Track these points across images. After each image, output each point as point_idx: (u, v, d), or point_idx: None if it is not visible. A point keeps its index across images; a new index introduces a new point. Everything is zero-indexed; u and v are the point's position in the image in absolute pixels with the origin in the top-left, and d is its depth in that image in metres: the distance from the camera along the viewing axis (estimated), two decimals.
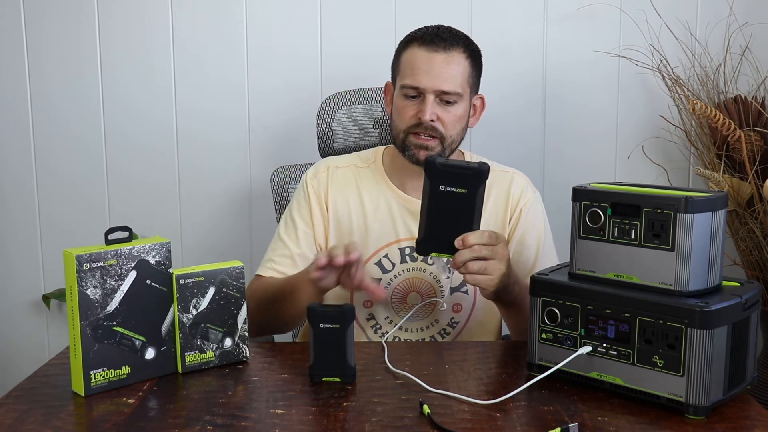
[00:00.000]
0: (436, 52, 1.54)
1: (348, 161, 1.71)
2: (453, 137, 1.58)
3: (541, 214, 1.68)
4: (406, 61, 1.58)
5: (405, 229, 1.63)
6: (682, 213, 1.14)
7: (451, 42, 1.56)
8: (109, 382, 1.24)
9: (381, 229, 1.63)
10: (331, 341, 1.25)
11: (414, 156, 1.57)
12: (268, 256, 1.65)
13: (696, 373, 1.12)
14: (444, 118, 1.55)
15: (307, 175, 1.69)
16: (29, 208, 2.28)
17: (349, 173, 1.68)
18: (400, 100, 1.59)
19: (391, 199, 1.65)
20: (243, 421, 1.13)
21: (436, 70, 1.54)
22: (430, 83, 1.54)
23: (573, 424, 1.08)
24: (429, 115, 1.53)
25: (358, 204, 1.65)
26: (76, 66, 2.21)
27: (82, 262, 1.20)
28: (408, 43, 1.59)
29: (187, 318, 1.30)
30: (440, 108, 1.55)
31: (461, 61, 1.56)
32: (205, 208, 2.27)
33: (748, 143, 2.04)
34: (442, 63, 1.54)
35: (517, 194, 1.67)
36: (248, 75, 2.21)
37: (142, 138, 2.24)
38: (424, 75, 1.54)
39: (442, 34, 1.56)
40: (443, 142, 1.56)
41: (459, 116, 1.57)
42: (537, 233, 1.66)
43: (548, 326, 1.26)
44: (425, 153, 1.55)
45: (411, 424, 1.11)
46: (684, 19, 2.17)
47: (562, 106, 2.23)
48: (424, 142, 1.56)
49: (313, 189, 1.66)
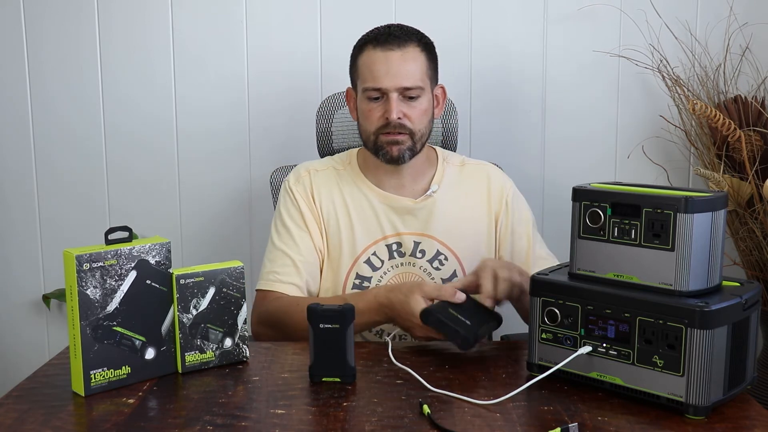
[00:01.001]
0: (391, 50, 1.57)
1: (325, 164, 1.73)
2: (422, 131, 1.61)
3: (522, 202, 1.74)
4: (364, 65, 1.61)
5: (390, 225, 1.65)
6: (682, 213, 1.14)
7: (404, 38, 1.59)
8: (109, 382, 1.24)
9: (367, 227, 1.66)
10: (331, 341, 1.25)
11: (387, 154, 1.60)
12: (267, 269, 1.64)
13: (696, 373, 1.12)
14: (410, 114, 1.59)
15: (289, 181, 1.70)
16: (29, 208, 2.28)
17: (330, 175, 1.70)
18: (364, 103, 1.62)
19: (372, 197, 1.67)
20: (243, 421, 1.13)
21: (394, 68, 1.57)
22: (391, 82, 1.57)
23: (573, 424, 1.08)
24: (395, 113, 1.57)
25: (342, 204, 1.67)
26: (76, 66, 2.21)
27: (82, 262, 1.20)
28: (363, 47, 1.62)
29: (187, 318, 1.30)
30: (405, 104, 1.58)
31: (417, 56, 1.59)
32: (205, 208, 2.27)
33: (748, 143, 2.04)
34: (399, 60, 1.57)
35: (498, 187, 1.71)
36: (248, 75, 2.21)
37: (142, 138, 2.24)
38: (383, 75, 1.57)
39: (394, 32, 1.59)
40: (413, 137, 1.60)
41: (424, 110, 1.61)
42: (524, 221, 1.71)
43: (548, 326, 1.26)
44: (397, 148, 1.59)
45: (411, 424, 1.11)
46: (684, 19, 2.17)
47: (562, 105, 2.23)
48: (394, 137, 1.59)
49: (300, 193, 1.67)
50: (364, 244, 1.65)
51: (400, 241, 1.65)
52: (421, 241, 1.65)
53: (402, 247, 1.65)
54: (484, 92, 2.21)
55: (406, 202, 1.66)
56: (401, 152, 1.60)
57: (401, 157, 1.60)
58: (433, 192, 1.66)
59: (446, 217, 1.67)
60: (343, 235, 1.65)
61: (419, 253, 1.64)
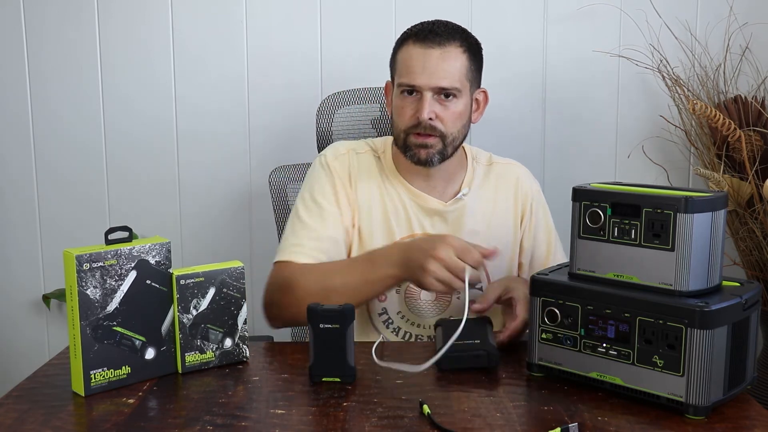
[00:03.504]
0: (431, 48, 1.52)
1: (365, 147, 1.66)
2: (454, 134, 1.55)
3: (545, 208, 1.71)
4: (402, 60, 1.56)
5: (418, 224, 1.61)
6: (682, 213, 1.14)
7: (446, 37, 1.53)
8: (109, 382, 1.24)
9: (398, 222, 1.61)
10: (331, 341, 1.25)
11: (415, 156, 1.55)
12: (291, 242, 1.55)
13: (696, 373, 1.12)
14: (443, 116, 1.53)
15: (326, 157, 1.62)
16: (29, 208, 2.28)
17: (371, 159, 1.64)
18: (398, 99, 1.57)
19: (403, 193, 1.62)
20: (243, 421, 1.13)
21: (431, 66, 1.51)
22: (427, 81, 1.51)
23: (573, 424, 1.08)
24: (427, 113, 1.51)
25: (378, 192, 1.61)
26: (76, 66, 2.20)
27: (82, 262, 1.20)
28: (404, 41, 1.57)
29: (187, 318, 1.30)
30: (439, 105, 1.53)
31: (458, 56, 1.54)
32: (205, 208, 2.27)
33: (748, 143, 2.04)
34: (438, 59, 1.52)
35: (525, 190, 1.68)
36: (248, 75, 2.21)
37: (142, 138, 2.24)
38: (420, 73, 1.52)
39: (436, 29, 1.54)
40: (444, 140, 1.54)
41: (459, 113, 1.55)
42: (546, 229, 1.68)
43: (548, 326, 1.26)
44: (426, 152, 1.54)
45: (411, 424, 1.11)
46: (684, 19, 2.17)
47: (562, 106, 2.23)
48: (423, 140, 1.53)
49: (337, 171, 1.60)
50: (401, 234, 1.60)
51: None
52: None
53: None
54: None
55: (436, 204, 1.61)
56: (430, 156, 1.54)
57: (429, 161, 1.54)
58: (464, 195, 1.62)
59: (475, 221, 1.62)
60: (377, 224, 1.59)
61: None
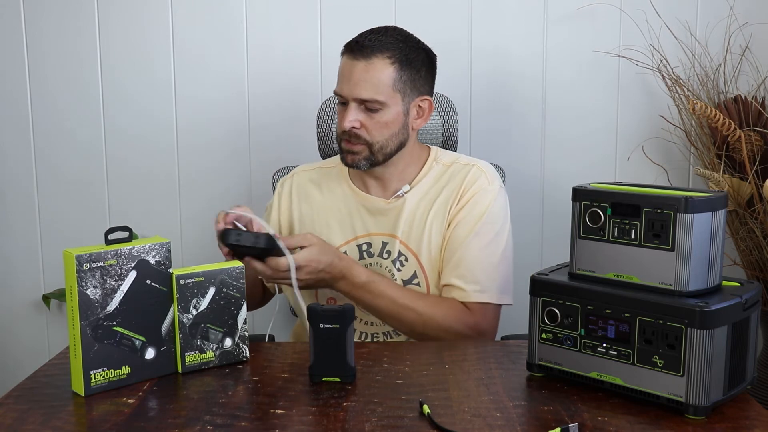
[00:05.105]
0: (357, 60, 1.57)
1: (316, 165, 1.79)
2: (381, 142, 1.60)
3: (489, 202, 1.62)
4: (339, 69, 1.62)
5: (362, 225, 1.67)
6: (682, 213, 1.14)
7: (373, 49, 1.57)
8: (109, 382, 1.24)
9: (341, 227, 1.68)
10: (331, 341, 1.25)
11: (344, 160, 1.63)
12: None
13: (696, 373, 1.12)
14: (368, 125, 1.59)
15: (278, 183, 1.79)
16: (29, 208, 2.28)
17: (314, 175, 1.76)
18: (337, 106, 1.65)
19: (350, 197, 1.69)
20: (243, 421, 1.13)
21: (355, 78, 1.57)
22: (349, 91, 1.57)
23: (573, 424, 1.08)
24: (348, 122, 1.58)
25: (320, 203, 1.71)
26: (76, 65, 2.21)
27: (82, 262, 1.20)
28: (342, 51, 1.63)
29: (187, 318, 1.30)
30: (364, 114, 1.58)
31: (383, 68, 1.57)
32: (206, 209, 2.26)
33: (748, 143, 2.04)
34: (362, 71, 1.56)
35: (467, 185, 1.64)
36: (248, 75, 2.21)
37: (142, 138, 2.24)
38: (345, 83, 1.58)
39: (364, 41, 1.58)
40: (371, 148, 1.60)
41: (384, 122, 1.59)
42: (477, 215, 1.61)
43: (548, 326, 1.26)
44: (352, 158, 1.61)
45: (411, 424, 1.11)
46: (684, 19, 2.17)
47: (562, 106, 2.23)
48: (350, 147, 1.60)
49: (279, 194, 1.76)
50: (337, 243, 1.66)
51: (370, 242, 1.65)
52: (388, 242, 1.64)
53: (371, 248, 1.66)
54: (484, 92, 2.21)
55: (379, 202, 1.66)
56: (356, 162, 1.61)
57: (356, 165, 1.62)
58: (404, 192, 1.65)
59: (411, 217, 1.64)
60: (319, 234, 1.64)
61: (385, 254, 1.64)
